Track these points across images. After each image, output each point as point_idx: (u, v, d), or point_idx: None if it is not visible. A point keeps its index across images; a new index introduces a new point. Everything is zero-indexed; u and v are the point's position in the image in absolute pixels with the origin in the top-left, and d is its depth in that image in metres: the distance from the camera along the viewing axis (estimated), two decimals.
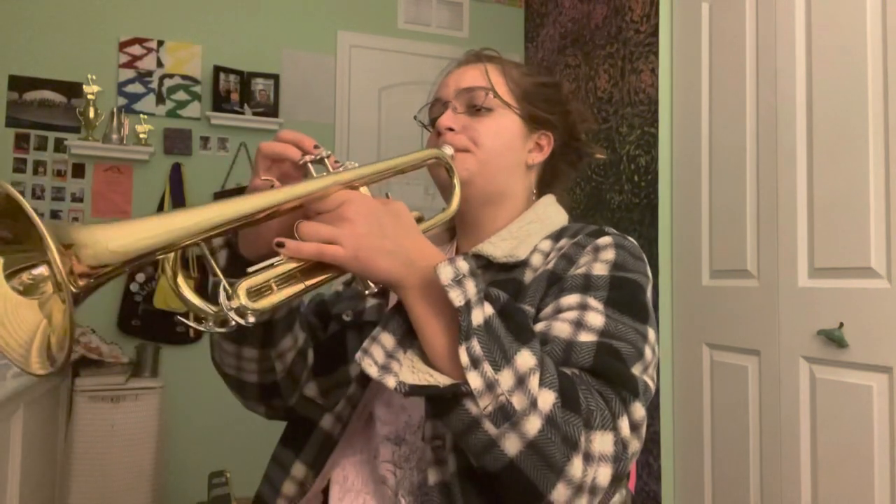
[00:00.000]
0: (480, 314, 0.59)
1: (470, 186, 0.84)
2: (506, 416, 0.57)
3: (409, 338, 0.63)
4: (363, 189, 0.69)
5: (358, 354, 0.62)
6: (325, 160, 0.69)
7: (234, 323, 0.58)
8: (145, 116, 2.97)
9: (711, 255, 2.19)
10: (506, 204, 0.89)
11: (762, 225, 1.97)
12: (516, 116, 0.88)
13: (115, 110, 2.91)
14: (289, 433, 0.88)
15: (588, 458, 0.58)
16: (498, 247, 0.82)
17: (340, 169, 0.68)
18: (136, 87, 2.99)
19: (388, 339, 0.63)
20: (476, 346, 0.57)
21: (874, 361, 1.61)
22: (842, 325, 1.69)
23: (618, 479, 0.61)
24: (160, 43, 3.04)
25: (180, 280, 0.58)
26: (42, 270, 0.50)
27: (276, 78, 3.17)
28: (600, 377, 0.65)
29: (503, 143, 0.87)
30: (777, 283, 1.90)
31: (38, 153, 2.86)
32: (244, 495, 2.38)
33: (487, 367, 0.57)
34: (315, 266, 0.64)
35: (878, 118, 1.63)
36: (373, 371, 0.60)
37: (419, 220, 0.79)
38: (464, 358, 0.57)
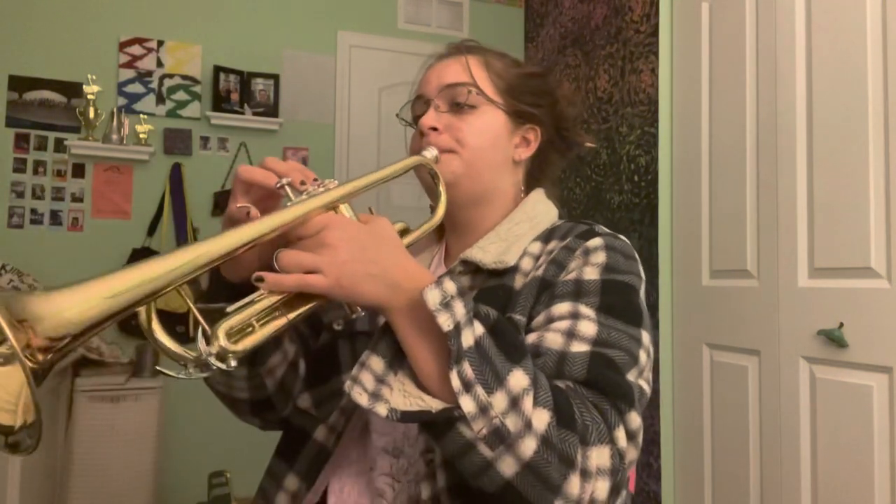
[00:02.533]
0: (471, 335, 0.57)
1: (456, 188, 0.83)
2: (501, 438, 0.56)
3: (399, 359, 0.62)
4: (344, 207, 0.67)
5: (347, 384, 0.60)
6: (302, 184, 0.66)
7: (215, 367, 0.55)
8: (145, 116, 2.97)
9: (711, 255, 2.19)
10: (494, 202, 0.87)
11: (762, 225, 1.97)
12: (501, 112, 0.85)
13: (115, 110, 2.91)
14: (283, 444, 0.86)
15: (585, 474, 0.58)
16: (487, 251, 0.80)
17: (321, 189, 0.65)
18: (136, 87, 2.99)
19: (377, 363, 0.61)
20: (467, 369, 0.56)
21: (874, 361, 1.61)
22: (842, 325, 1.69)
23: (616, 490, 0.60)
24: (160, 43, 3.04)
25: (155, 326, 0.55)
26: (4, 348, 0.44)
27: (276, 78, 3.17)
28: (595, 389, 0.64)
29: (488, 141, 0.84)
30: (777, 283, 1.90)
31: (38, 153, 2.86)
32: (244, 495, 2.39)
33: (480, 391, 0.56)
34: (297, 296, 0.62)
35: (878, 118, 1.63)
36: (363, 400, 0.58)
37: (404, 231, 0.77)
38: (455, 382, 0.56)
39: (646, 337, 0.72)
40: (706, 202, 2.22)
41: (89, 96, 2.84)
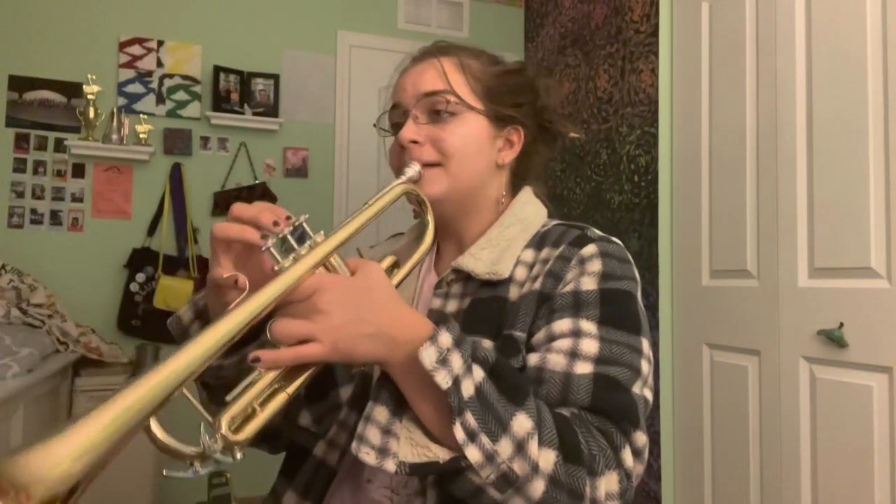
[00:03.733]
0: (471, 385, 0.57)
1: (444, 203, 0.81)
2: (509, 482, 0.57)
3: (403, 405, 0.62)
4: (333, 259, 0.65)
5: (354, 444, 0.59)
6: (289, 237, 0.62)
7: (221, 462, 0.53)
8: (145, 116, 2.97)
9: (711, 255, 2.19)
10: (481, 208, 0.86)
11: (762, 225, 1.97)
12: (482, 117, 0.83)
13: (115, 110, 2.91)
14: (285, 463, 0.86)
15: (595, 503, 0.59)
16: (479, 259, 0.79)
17: (307, 244, 0.63)
18: (136, 87, 3.00)
19: (381, 413, 0.61)
20: (470, 419, 0.56)
21: (874, 361, 1.61)
22: (842, 325, 1.69)
23: None
24: (160, 43, 3.04)
25: (154, 427, 0.52)
26: None
27: (276, 78, 3.17)
28: (600, 413, 0.64)
29: (472, 149, 0.82)
30: (777, 283, 1.90)
31: (38, 153, 2.86)
32: (244, 495, 2.39)
33: (485, 439, 0.56)
34: (295, 367, 0.60)
35: (878, 118, 1.63)
36: (371, 459, 0.58)
37: (394, 266, 0.76)
38: (459, 434, 0.56)
39: (646, 345, 0.72)
40: (706, 202, 2.22)
41: (89, 96, 2.84)
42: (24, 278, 2.62)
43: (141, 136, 2.93)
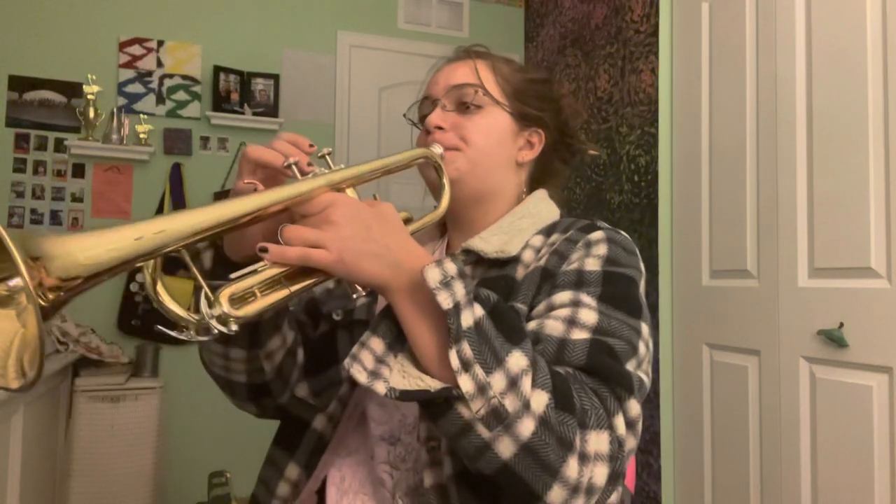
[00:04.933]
0: (470, 316, 0.58)
1: (460, 185, 0.84)
2: (498, 418, 0.56)
3: (400, 341, 0.62)
4: (349, 191, 0.68)
5: (347, 360, 0.60)
6: (318, 161, 0.67)
7: (216, 331, 0.56)
8: (145, 116, 2.97)
9: (711, 255, 2.19)
10: (496, 201, 0.88)
11: (762, 225, 1.97)
12: (506, 114, 0.87)
13: (115, 110, 2.91)
14: (282, 434, 0.87)
15: (583, 458, 0.58)
16: (489, 242, 0.81)
17: (325, 171, 0.67)
18: (136, 87, 2.99)
19: (377, 344, 0.61)
20: (466, 348, 0.56)
21: (874, 361, 1.61)
22: (842, 325, 1.69)
23: (615, 478, 0.60)
24: (160, 43, 3.04)
25: (160, 288, 0.56)
26: (17, 281, 0.47)
27: (276, 78, 3.17)
28: (594, 375, 0.64)
29: (493, 141, 0.86)
30: (777, 283, 1.90)
31: (38, 153, 2.86)
32: (244, 495, 2.38)
33: (479, 370, 0.56)
34: (300, 270, 0.62)
35: (878, 118, 1.63)
36: (362, 378, 0.59)
37: (408, 220, 0.78)
38: (454, 361, 0.56)
39: (645, 329, 0.72)
40: (706, 202, 2.22)
41: (89, 96, 2.84)
42: None
43: (141, 136, 2.93)
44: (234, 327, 0.57)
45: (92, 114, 2.84)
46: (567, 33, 3.09)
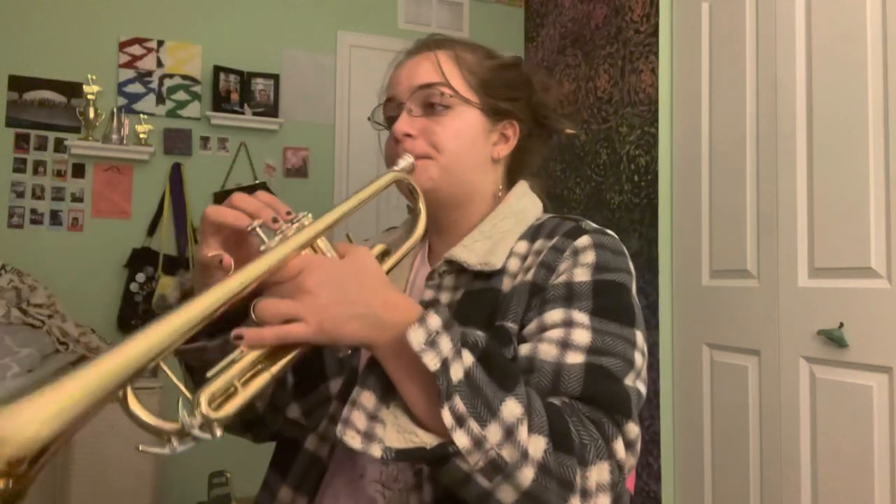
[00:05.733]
0: (460, 368, 0.56)
1: (436, 193, 0.80)
2: (497, 469, 0.55)
3: (391, 390, 0.60)
4: (320, 240, 0.64)
5: (339, 427, 0.58)
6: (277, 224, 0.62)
7: (200, 438, 0.52)
8: (145, 116, 2.97)
9: (711, 255, 2.19)
10: (475, 202, 0.85)
11: (762, 225, 1.97)
12: (477, 111, 0.82)
13: (115, 110, 2.91)
14: (276, 456, 0.85)
15: (585, 494, 0.58)
16: (472, 250, 0.78)
17: (294, 229, 0.62)
18: (136, 87, 2.99)
19: (368, 398, 0.59)
20: (459, 403, 0.55)
21: (874, 361, 1.61)
22: (842, 325, 1.69)
23: (617, 499, 0.61)
24: (160, 43, 3.04)
25: (131, 401, 0.51)
26: None
27: (276, 78, 3.17)
28: (591, 403, 0.63)
29: (466, 144, 0.81)
30: (777, 283, 1.90)
31: (38, 153, 2.86)
32: (244, 495, 2.39)
33: (473, 424, 0.55)
34: (280, 346, 0.58)
35: (878, 118, 1.63)
36: (356, 444, 0.57)
37: (385, 253, 0.75)
38: (447, 419, 0.55)
39: (640, 337, 0.71)
40: (706, 202, 2.22)
41: (89, 96, 2.84)
42: (24, 278, 2.62)
43: (141, 136, 2.93)
44: (219, 431, 0.53)
45: (92, 114, 2.84)
46: (567, 33, 3.09)
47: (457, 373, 0.56)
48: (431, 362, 0.55)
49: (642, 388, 0.69)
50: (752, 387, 1.99)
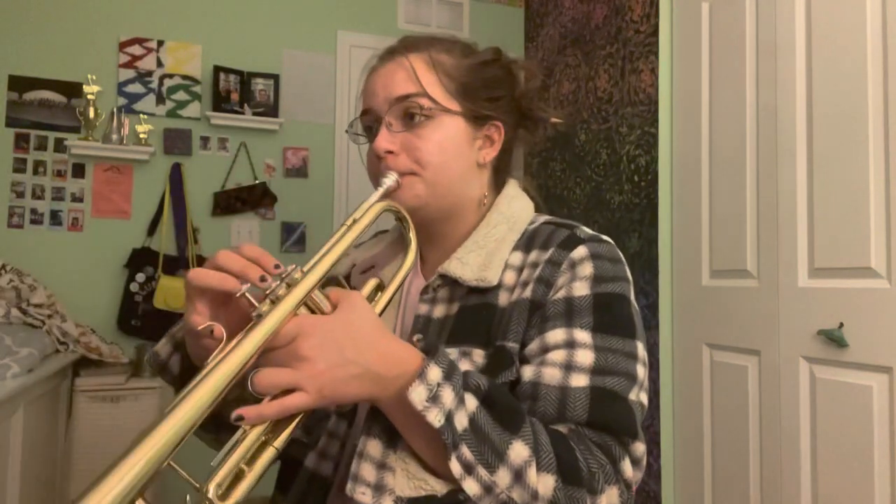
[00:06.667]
0: (464, 417, 0.57)
1: (424, 209, 0.78)
2: None
3: (396, 437, 0.60)
4: (315, 295, 0.61)
5: (348, 486, 0.58)
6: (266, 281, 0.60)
7: None
8: (145, 116, 2.97)
9: (711, 255, 2.19)
10: (465, 210, 0.82)
11: (762, 225, 1.97)
12: (459, 118, 0.78)
13: (115, 110, 2.91)
14: (280, 476, 0.84)
15: None
16: (466, 264, 0.76)
17: (285, 283, 0.59)
18: (136, 87, 2.99)
19: (374, 447, 0.60)
20: (466, 452, 0.56)
21: (874, 361, 1.61)
22: (842, 325, 1.69)
23: None
24: (160, 43, 3.04)
25: None
26: None
27: (276, 78, 3.17)
28: (598, 428, 0.64)
29: (451, 155, 0.78)
30: (777, 283, 1.90)
31: (38, 153, 2.86)
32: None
33: (482, 471, 0.56)
34: (281, 418, 0.58)
35: (878, 118, 1.63)
36: (366, 499, 0.57)
37: (378, 289, 0.72)
38: (455, 468, 0.55)
39: (641, 348, 0.71)
40: (706, 202, 2.22)
41: (89, 96, 2.84)
42: (24, 278, 2.62)
43: (141, 136, 2.93)
44: None
45: (92, 114, 2.84)
46: (567, 33, 3.09)
47: (461, 422, 0.56)
48: (435, 419, 0.55)
49: (645, 399, 0.70)
50: (752, 387, 1.99)
